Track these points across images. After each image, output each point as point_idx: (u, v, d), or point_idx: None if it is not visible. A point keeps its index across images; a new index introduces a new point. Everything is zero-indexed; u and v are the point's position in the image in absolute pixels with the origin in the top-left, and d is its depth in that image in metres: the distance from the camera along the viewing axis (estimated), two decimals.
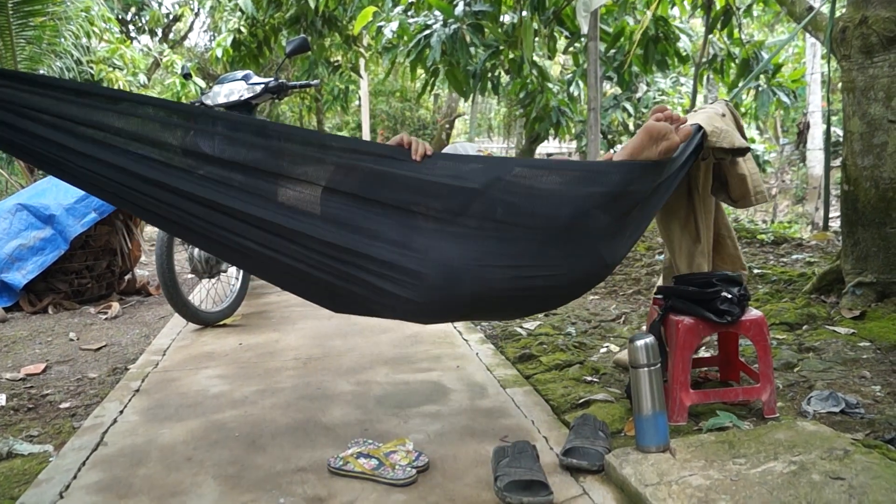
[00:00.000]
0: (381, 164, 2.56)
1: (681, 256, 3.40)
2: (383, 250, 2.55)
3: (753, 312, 2.98)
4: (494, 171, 2.60)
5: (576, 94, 9.35)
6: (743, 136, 3.43)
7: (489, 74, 8.44)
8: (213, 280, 5.26)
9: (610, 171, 2.71)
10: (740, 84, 7.60)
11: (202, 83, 14.68)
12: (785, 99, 8.43)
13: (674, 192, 3.13)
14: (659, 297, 3.15)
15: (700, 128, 3.08)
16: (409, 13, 8.37)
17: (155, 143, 2.59)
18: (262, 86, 5.24)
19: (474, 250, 2.58)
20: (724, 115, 3.33)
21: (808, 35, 14.09)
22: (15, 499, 2.51)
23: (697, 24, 13.12)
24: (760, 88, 8.49)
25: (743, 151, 3.15)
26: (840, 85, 4.62)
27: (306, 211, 2.57)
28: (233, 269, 5.29)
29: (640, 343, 2.57)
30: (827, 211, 8.03)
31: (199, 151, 2.56)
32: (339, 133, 27.28)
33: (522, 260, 2.64)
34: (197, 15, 22.32)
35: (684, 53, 8.01)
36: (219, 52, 10.64)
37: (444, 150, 3.12)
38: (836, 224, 8.09)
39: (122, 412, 3.35)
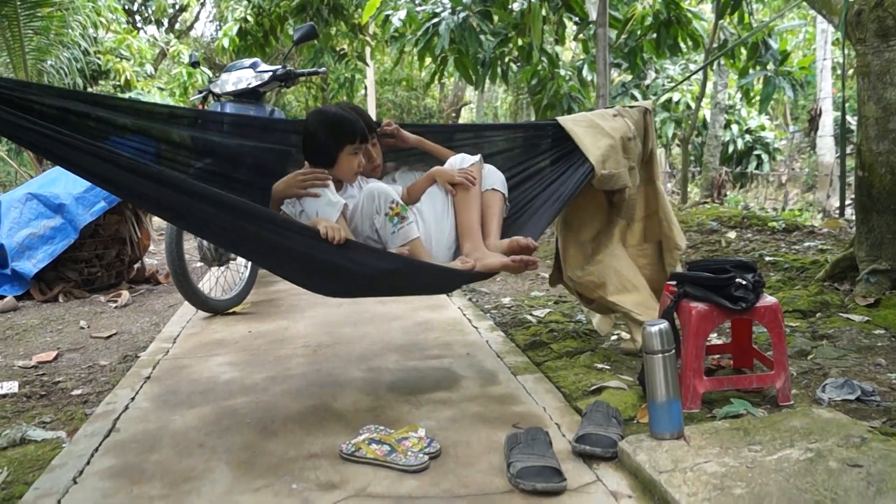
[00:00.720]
0: (304, 245, 2.84)
1: (570, 266, 3.91)
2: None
3: (768, 299, 2.96)
4: (393, 268, 3.01)
5: (588, 79, 9.31)
6: (652, 151, 3.82)
7: (498, 62, 8.40)
8: (223, 268, 5.26)
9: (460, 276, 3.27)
10: (749, 75, 7.56)
11: (209, 72, 14.67)
12: (789, 92, 8.39)
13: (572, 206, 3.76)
14: (672, 283, 3.13)
15: (589, 166, 3.51)
16: (417, 1, 8.34)
17: (160, 136, 2.66)
18: (270, 73, 5.23)
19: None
20: (630, 139, 3.65)
21: (819, 20, 13.99)
22: (29, 484, 2.51)
23: (707, 10, 13.04)
24: (768, 75, 8.45)
25: (623, 190, 3.66)
26: (854, 70, 4.58)
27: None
28: (241, 258, 5.28)
29: (654, 329, 2.55)
30: (843, 198, 7.99)
31: (205, 146, 2.63)
32: None
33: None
34: (203, 4, 22.33)
35: (698, 36, 7.96)
36: (225, 42, 10.63)
37: (449, 161, 3.45)
38: (850, 211, 8.04)
39: (133, 399, 3.35)
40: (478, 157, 3.43)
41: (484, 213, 3.38)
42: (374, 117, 3.84)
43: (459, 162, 3.40)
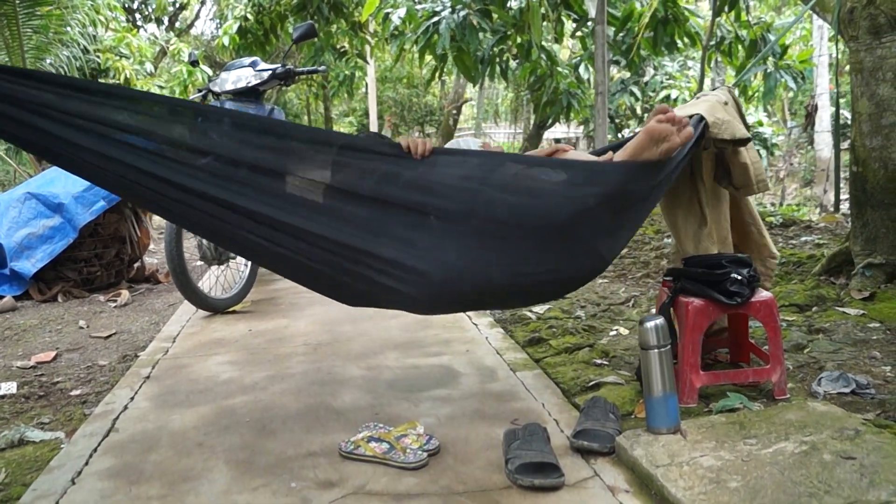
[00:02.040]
0: (385, 163, 2.57)
1: (686, 240, 3.39)
2: (386, 247, 2.57)
3: (763, 293, 2.97)
4: (495, 170, 2.61)
5: (585, 77, 9.32)
6: (745, 123, 3.44)
7: (497, 59, 8.41)
8: (222, 267, 5.27)
9: (609, 171, 2.70)
10: (748, 66, 7.57)
11: (209, 71, 14.67)
12: (791, 84, 8.39)
13: (678, 178, 3.15)
14: (668, 279, 3.15)
15: (702, 118, 3.08)
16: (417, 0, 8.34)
17: (160, 137, 2.61)
18: (270, 72, 5.23)
19: (475, 249, 2.60)
20: (726, 104, 3.33)
21: (815, 17, 14.00)
22: (27, 485, 2.52)
23: (704, 7, 13.05)
24: (768, 71, 8.45)
25: (744, 142, 3.15)
26: (848, 66, 4.59)
27: (310, 208, 2.60)
28: (241, 257, 5.29)
29: (650, 324, 2.56)
30: (838, 193, 8.01)
31: (204, 146, 2.58)
32: (347, 119, 27.27)
33: (522, 258, 2.65)
34: (203, 3, 22.32)
35: (695, 34, 7.96)
36: (225, 40, 10.63)
37: (447, 145, 3.13)
38: (846, 206, 8.06)
39: (132, 399, 3.36)
40: (479, 142, 3.16)
41: None
42: (375, 114, 3.81)
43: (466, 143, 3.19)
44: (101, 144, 2.49)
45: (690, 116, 3.06)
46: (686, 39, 7.98)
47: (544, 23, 8.03)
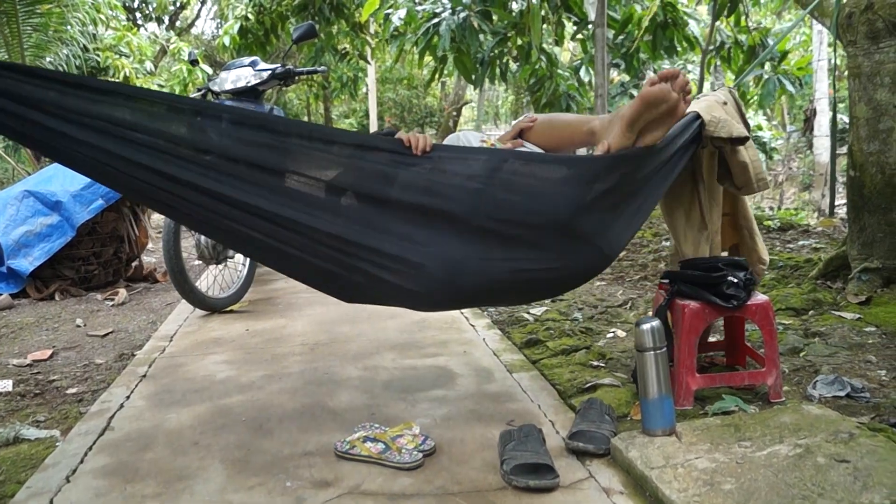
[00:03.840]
0: (385, 160, 2.57)
1: (686, 243, 3.40)
2: (387, 243, 2.57)
3: (759, 297, 2.98)
4: (497, 169, 2.60)
5: (586, 79, 9.33)
6: (745, 123, 3.44)
7: (497, 61, 8.42)
8: (220, 266, 5.27)
9: (609, 163, 2.70)
10: (745, 70, 7.58)
11: (209, 70, 14.68)
12: (790, 88, 8.40)
13: (677, 179, 3.16)
14: (665, 281, 3.15)
15: (698, 116, 3.10)
16: (417, 0, 8.35)
17: (161, 133, 2.61)
18: (269, 72, 5.23)
19: (476, 245, 2.60)
20: (725, 103, 3.33)
21: (814, 22, 13.99)
22: (22, 483, 2.52)
23: (704, 11, 13.06)
24: (766, 76, 8.46)
25: (742, 140, 3.15)
26: (846, 71, 4.60)
27: (311, 203, 2.59)
28: (240, 256, 5.30)
29: (646, 326, 2.56)
30: (833, 197, 8.02)
31: (204, 142, 2.58)
32: (347, 120, 27.27)
33: (523, 254, 2.66)
34: (203, 2, 22.33)
35: (693, 38, 7.98)
36: (226, 40, 10.63)
37: (447, 140, 3.06)
38: (842, 210, 8.07)
39: (128, 397, 3.36)
40: (479, 136, 3.02)
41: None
42: (375, 115, 3.81)
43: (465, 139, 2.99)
44: (101, 140, 2.49)
45: (686, 114, 3.08)
46: (685, 43, 7.99)
47: (544, 25, 8.04)
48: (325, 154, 2.61)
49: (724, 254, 3.65)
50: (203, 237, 4.91)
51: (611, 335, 4.10)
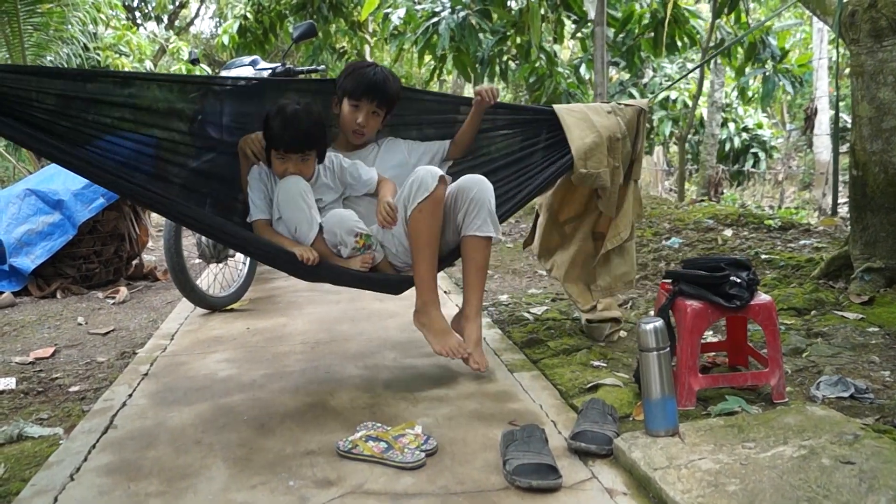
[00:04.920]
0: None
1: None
2: None
3: (762, 297, 2.98)
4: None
5: (586, 77, 9.33)
6: (639, 151, 3.87)
7: (497, 60, 8.42)
8: (221, 265, 5.27)
9: None
10: (747, 70, 7.60)
11: (208, 69, 14.68)
12: (789, 88, 8.41)
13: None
14: (667, 281, 3.15)
15: (568, 152, 3.63)
16: (416, 0, 8.35)
17: (162, 124, 2.70)
18: (270, 71, 5.23)
19: None
20: (619, 139, 3.72)
21: (815, 20, 14.00)
22: (26, 480, 2.52)
23: (705, 9, 13.07)
24: (767, 74, 8.47)
25: (603, 189, 3.74)
26: (848, 69, 4.59)
27: None
28: (240, 255, 5.29)
29: (649, 327, 2.56)
30: (835, 196, 8.02)
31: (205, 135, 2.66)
32: None
33: None
34: (202, 1, 22.31)
35: (696, 34, 7.98)
36: (225, 39, 10.65)
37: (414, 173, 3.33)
38: (844, 209, 8.07)
39: (131, 396, 3.36)
40: (439, 175, 3.26)
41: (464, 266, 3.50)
42: None
43: (413, 185, 3.29)
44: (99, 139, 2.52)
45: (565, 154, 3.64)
46: (686, 40, 7.99)
47: (544, 24, 8.04)
48: None
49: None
50: (204, 236, 4.90)
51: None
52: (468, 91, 23.34)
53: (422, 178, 3.20)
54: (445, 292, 5.19)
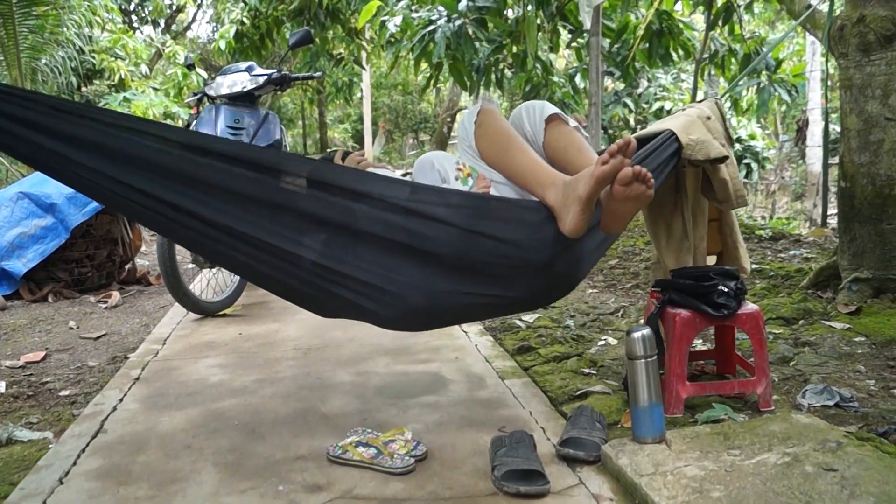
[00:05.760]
0: (363, 202, 2.51)
1: (667, 253, 3.45)
2: (364, 272, 2.54)
3: (750, 306, 3.00)
4: (475, 214, 2.53)
5: (581, 86, 9.35)
6: (729, 136, 3.52)
7: (493, 69, 8.44)
8: (214, 270, 5.28)
9: None
10: (738, 81, 7.63)
11: (204, 74, 14.69)
12: (786, 96, 8.44)
13: (659, 191, 3.17)
14: (656, 290, 3.18)
15: (673, 136, 3.17)
16: (413, 7, 8.37)
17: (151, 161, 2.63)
18: (266, 77, 5.25)
19: (455, 279, 2.58)
20: (709, 118, 3.40)
21: (808, 33, 14.07)
22: (15, 484, 2.53)
23: (699, 20, 13.13)
24: (761, 85, 8.50)
25: (721, 160, 3.19)
26: (838, 82, 4.63)
27: (294, 231, 2.56)
28: None
29: (637, 335, 2.58)
30: (825, 207, 8.06)
31: (188, 170, 2.57)
32: (342, 125, 27.27)
33: (501, 289, 2.64)
34: (199, 6, 22.33)
35: (690, 45, 8.01)
36: (222, 44, 10.64)
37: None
38: (834, 221, 8.11)
39: (121, 400, 3.37)
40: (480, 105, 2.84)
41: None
42: (369, 120, 3.83)
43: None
44: (90, 159, 2.48)
45: (660, 133, 3.16)
46: (680, 52, 8.02)
47: (540, 33, 8.06)
48: (281, 184, 2.56)
49: (710, 260, 3.71)
50: None
51: (602, 343, 4.13)
52: (464, 99, 23.43)
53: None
54: None
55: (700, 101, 3.76)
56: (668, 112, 15.84)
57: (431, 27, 7.44)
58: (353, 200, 2.51)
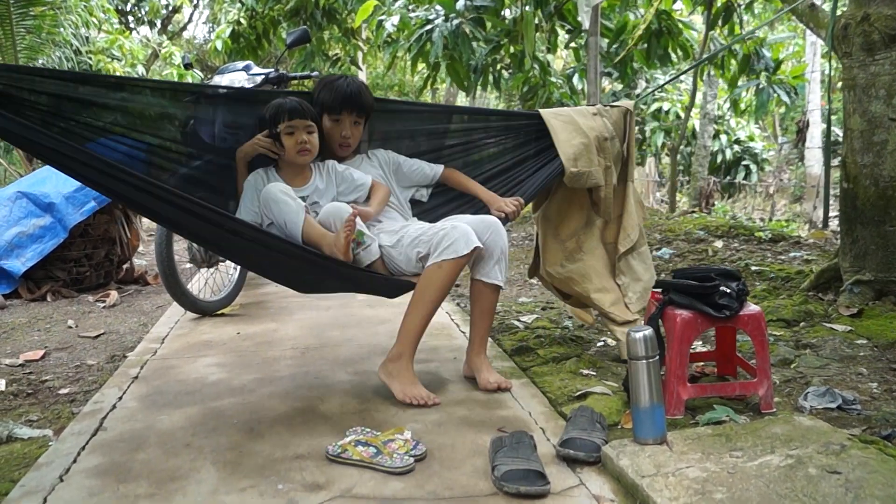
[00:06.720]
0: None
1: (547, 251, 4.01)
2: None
3: (751, 307, 2.99)
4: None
5: (579, 87, 9.35)
6: (629, 150, 3.89)
7: (490, 69, 8.44)
8: (212, 269, 5.27)
9: None
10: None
11: (201, 74, 14.68)
12: (785, 98, 8.44)
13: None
14: (657, 290, 3.17)
15: (558, 161, 3.64)
16: (410, 7, 8.36)
17: (153, 129, 2.77)
18: (263, 76, 5.23)
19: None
20: (606, 139, 3.74)
21: (808, 33, 14.08)
22: (15, 481, 2.52)
23: (698, 20, 13.14)
24: (760, 86, 8.50)
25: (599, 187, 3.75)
26: (841, 83, 4.62)
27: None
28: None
29: (638, 335, 2.57)
30: (827, 209, 8.06)
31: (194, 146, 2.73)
32: None
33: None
34: (196, 6, 22.31)
35: (689, 46, 8.01)
36: (218, 45, 10.65)
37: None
38: (834, 223, 8.11)
39: (120, 398, 3.36)
40: (474, 245, 3.27)
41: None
42: None
43: (445, 239, 3.30)
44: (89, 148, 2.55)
45: (554, 157, 3.68)
46: (679, 52, 8.02)
47: (538, 33, 8.06)
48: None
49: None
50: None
51: (601, 343, 4.12)
52: (461, 99, 23.41)
53: (457, 238, 3.18)
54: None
55: (615, 106, 3.85)
56: (667, 113, 15.86)
57: (429, 27, 7.44)
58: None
